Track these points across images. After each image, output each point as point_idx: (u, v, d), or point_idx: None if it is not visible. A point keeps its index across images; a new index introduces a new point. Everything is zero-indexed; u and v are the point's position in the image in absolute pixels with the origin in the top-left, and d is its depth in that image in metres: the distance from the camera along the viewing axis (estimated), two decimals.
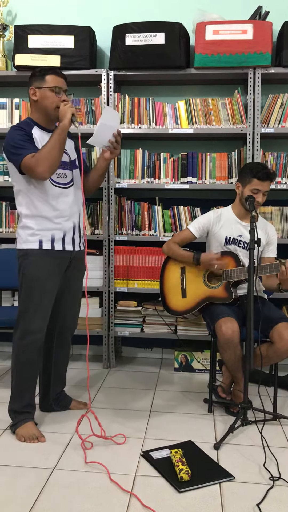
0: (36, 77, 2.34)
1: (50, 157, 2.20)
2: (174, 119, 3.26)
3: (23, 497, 1.86)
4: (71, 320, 2.58)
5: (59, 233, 2.36)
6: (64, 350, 2.60)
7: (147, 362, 3.57)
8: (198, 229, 2.82)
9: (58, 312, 2.49)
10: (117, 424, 2.50)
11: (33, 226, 2.32)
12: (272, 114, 3.17)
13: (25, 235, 2.34)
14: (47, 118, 2.36)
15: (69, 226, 2.40)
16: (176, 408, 2.73)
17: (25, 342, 2.33)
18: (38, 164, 2.18)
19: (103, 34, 3.39)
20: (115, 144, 2.40)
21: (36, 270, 2.32)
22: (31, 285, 2.33)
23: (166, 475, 2.00)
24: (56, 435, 2.36)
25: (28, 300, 2.33)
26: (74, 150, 2.52)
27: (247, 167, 2.72)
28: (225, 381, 2.83)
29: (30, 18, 3.51)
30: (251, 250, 2.39)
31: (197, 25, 3.14)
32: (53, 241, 2.34)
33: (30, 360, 2.36)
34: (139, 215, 3.35)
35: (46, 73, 2.32)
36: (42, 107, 2.33)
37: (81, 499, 1.86)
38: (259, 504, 1.82)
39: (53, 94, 2.30)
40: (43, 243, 2.33)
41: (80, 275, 2.55)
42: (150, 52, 3.13)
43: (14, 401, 2.39)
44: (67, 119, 2.23)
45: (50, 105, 2.31)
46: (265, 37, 3.07)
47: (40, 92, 2.31)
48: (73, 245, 2.42)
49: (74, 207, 2.42)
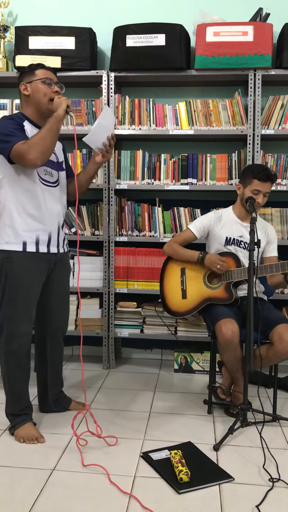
0: (26, 73, 2.31)
1: (42, 144, 2.13)
2: (174, 120, 3.26)
3: (22, 498, 1.86)
4: (61, 322, 2.56)
5: (43, 234, 2.30)
6: (58, 352, 2.58)
7: (147, 363, 3.57)
8: (199, 229, 2.83)
9: (47, 315, 2.47)
10: (116, 425, 2.50)
11: (17, 225, 2.24)
12: (272, 116, 3.17)
13: (7, 236, 2.25)
14: (39, 113, 2.31)
15: (54, 228, 2.34)
16: (176, 409, 2.73)
17: (13, 347, 2.29)
18: (29, 151, 2.10)
19: (103, 35, 3.39)
20: (107, 147, 2.38)
21: (20, 274, 2.26)
22: (15, 290, 2.26)
23: (166, 476, 2.00)
24: (56, 436, 2.36)
25: (12, 305, 2.27)
26: (62, 152, 2.49)
27: (249, 168, 2.73)
28: (225, 382, 2.83)
29: (31, 19, 3.51)
30: (251, 252, 2.40)
31: (198, 27, 3.15)
32: (37, 243, 2.28)
33: (19, 363, 2.32)
34: (139, 216, 3.36)
35: (36, 68, 2.30)
36: (34, 101, 2.29)
37: (81, 500, 1.85)
38: (258, 506, 1.82)
39: (45, 85, 2.27)
40: (28, 245, 2.26)
41: (65, 277, 2.53)
42: (151, 53, 3.14)
43: (10, 405, 2.37)
44: (62, 109, 2.20)
45: (43, 98, 2.27)
46: (265, 39, 3.07)
47: (31, 86, 2.27)
48: (57, 247, 2.38)
49: (58, 207, 2.38)
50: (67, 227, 3.35)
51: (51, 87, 2.29)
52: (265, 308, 2.65)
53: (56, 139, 2.23)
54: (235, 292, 2.67)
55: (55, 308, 2.49)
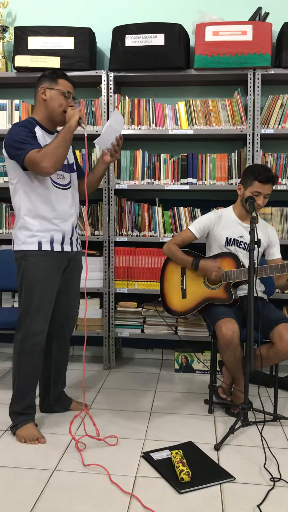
0: (47, 78, 2.36)
1: (56, 153, 2.21)
2: (174, 120, 3.26)
3: (23, 498, 1.86)
4: (70, 321, 2.59)
5: (57, 234, 2.37)
6: (63, 351, 2.60)
7: (147, 363, 3.57)
8: (199, 230, 2.82)
9: (56, 313, 2.49)
10: (117, 425, 2.50)
11: (32, 227, 2.32)
12: (272, 115, 3.17)
13: (23, 237, 2.33)
14: (50, 119, 2.37)
15: (67, 228, 2.41)
16: (177, 409, 2.73)
17: (27, 344, 2.33)
18: (43, 159, 2.17)
19: (103, 35, 3.39)
20: (116, 147, 2.43)
21: (36, 272, 2.32)
22: (31, 287, 2.32)
23: (167, 476, 2.00)
24: (57, 436, 2.36)
25: (29, 302, 2.33)
26: (72, 154, 2.54)
27: (250, 169, 2.72)
28: (226, 381, 2.82)
29: (30, 19, 3.51)
30: (251, 251, 2.39)
31: (197, 26, 3.14)
32: (52, 242, 2.35)
33: (32, 361, 2.36)
34: (139, 216, 3.35)
35: (60, 76, 2.36)
36: (49, 107, 2.34)
37: (82, 500, 1.85)
38: (259, 505, 1.82)
39: (63, 97, 2.33)
40: (42, 244, 2.33)
41: (77, 276, 2.56)
42: (150, 53, 3.13)
43: (15, 403, 2.39)
44: (74, 120, 2.26)
45: (58, 108, 2.33)
46: (264, 38, 3.07)
47: (50, 93, 2.33)
48: (71, 246, 2.44)
49: (72, 209, 2.44)
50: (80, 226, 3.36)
51: (68, 100, 2.35)
52: (265, 308, 2.65)
53: (68, 149, 2.30)
54: (235, 293, 2.66)
55: (65, 306, 2.52)
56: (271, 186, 2.67)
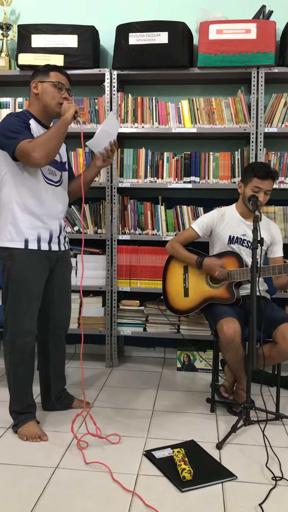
0: (40, 72, 2.33)
1: (48, 145, 2.15)
2: (177, 118, 3.26)
3: (25, 496, 1.87)
4: (63, 319, 2.56)
5: (45, 232, 2.32)
6: (60, 350, 2.58)
7: (149, 362, 3.57)
8: (202, 228, 2.82)
9: (49, 313, 2.47)
10: (119, 423, 2.50)
11: (20, 223, 2.26)
12: (275, 114, 3.16)
13: (9, 233, 2.26)
14: (45, 113, 2.33)
15: (55, 226, 2.36)
16: (179, 407, 2.73)
17: (18, 345, 2.30)
18: (35, 150, 2.11)
19: (106, 33, 3.39)
20: (109, 153, 2.39)
21: (23, 271, 2.27)
22: (18, 287, 2.28)
23: (169, 474, 2.00)
24: (59, 434, 2.36)
25: (16, 303, 2.28)
26: (66, 153, 2.51)
27: (249, 167, 2.73)
28: (228, 380, 2.82)
29: (34, 17, 3.51)
30: (254, 250, 2.39)
31: (201, 25, 3.14)
32: (39, 240, 2.29)
33: (24, 361, 2.33)
34: (142, 215, 3.35)
35: (51, 69, 2.32)
36: (42, 101, 2.31)
37: (84, 498, 1.86)
38: (261, 504, 1.82)
39: (55, 90, 2.29)
40: (29, 243, 2.27)
41: (67, 275, 2.54)
42: (154, 51, 3.13)
43: (14, 403, 2.38)
44: (70, 114, 2.23)
45: (51, 101, 2.29)
46: (268, 37, 3.06)
47: (42, 86, 2.29)
48: (58, 245, 2.40)
49: (61, 206, 2.40)
50: (70, 226, 3.36)
51: (61, 92, 2.30)
52: (268, 307, 2.64)
53: (62, 142, 2.25)
54: (237, 292, 2.66)
55: (57, 306, 2.50)
56: (271, 182, 2.66)
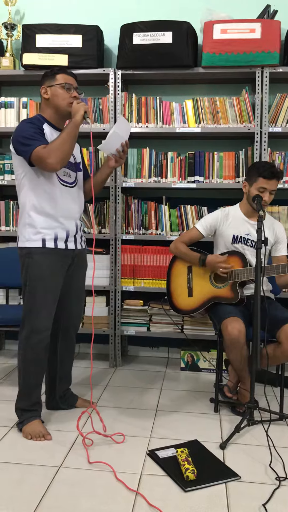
0: (47, 77, 2.38)
1: (62, 149, 2.21)
2: (181, 118, 3.26)
3: (29, 494, 1.87)
4: (75, 318, 2.60)
5: (61, 232, 2.37)
6: (69, 349, 2.61)
7: (153, 361, 3.57)
8: (206, 228, 2.82)
9: (62, 311, 2.49)
10: (122, 423, 2.50)
11: (36, 223, 2.32)
12: (280, 113, 3.16)
13: (28, 234, 2.33)
14: (58, 116, 2.38)
15: (71, 225, 2.42)
16: (182, 407, 2.73)
17: (32, 341, 2.34)
18: (50, 155, 2.18)
19: (110, 33, 3.39)
20: (121, 153, 2.44)
21: (40, 269, 2.33)
22: (35, 284, 2.33)
23: (172, 474, 2.00)
24: (62, 433, 2.36)
25: (33, 299, 2.34)
26: (80, 154, 2.55)
27: (254, 166, 2.72)
28: (232, 380, 2.82)
29: (38, 17, 3.52)
30: (258, 250, 2.38)
31: (205, 24, 3.14)
32: (56, 239, 2.35)
33: (37, 358, 2.37)
34: (146, 214, 3.35)
35: (57, 72, 2.37)
36: (53, 104, 2.35)
37: (87, 497, 1.86)
38: (265, 504, 1.82)
39: (64, 91, 2.34)
40: (46, 242, 2.33)
41: (82, 274, 2.57)
42: (158, 51, 3.13)
43: (21, 399, 2.40)
44: (80, 115, 2.26)
45: (62, 102, 2.34)
46: (273, 36, 3.06)
47: (51, 90, 2.34)
48: (75, 243, 2.45)
49: (76, 207, 2.45)
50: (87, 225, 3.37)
51: (70, 92, 2.35)
52: (272, 307, 2.64)
53: (74, 144, 2.30)
54: (241, 292, 2.66)
55: (70, 304, 2.53)
56: (276, 182, 2.66)
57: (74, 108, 2.29)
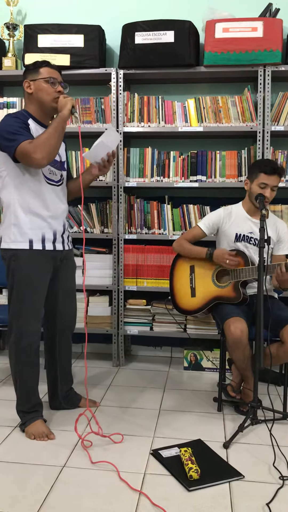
0: (30, 71, 2.31)
1: (48, 144, 2.14)
2: (183, 117, 3.25)
3: (33, 494, 1.87)
4: (69, 319, 2.56)
5: (49, 232, 2.31)
6: (67, 349, 2.59)
7: (156, 361, 3.57)
8: (208, 226, 2.82)
9: (55, 313, 2.48)
10: (126, 422, 2.50)
11: (22, 224, 2.25)
12: (282, 112, 3.15)
13: (13, 234, 2.26)
14: (42, 111, 2.32)
15: (59, 225, 2.37)
16: (186, 406, 2.73)
17: (22, 345, 2.30)
18: (35, 150, 2.11)
19: (112, 32, 3.39)
20: (106, 163, 2.39)
21: (27, 272, 2.27)
22: (23, 288, 2.27)
23: (176, 473, 2.00)
24: (66, 433, 2.37)
25: (20, 303, 2.28)
26: (65, 153, 2.50)
27: (255, 163, 2.74)
28: (235, 380, 2.82)
29: (40, 17, 3.52)
30: (261, 249, 2.38)
31: (207, 23, 3.13)
32: (43, 240, 2.29)
33: (29, 362, 2.33)
34: (148, 214, 3.35)
35: (40, 66, 2.30)
36: (37, 99, 2.29)
37: (91, 497, 1.86)
38: (268, 504, 1.82)
39: (48, 85, 2.27)
40: (34, 243, 2.27)
41: (71, 274, 2.53)
42: (160, 50, 3.13)
43: (21, 403, 2.38)
44: (67, 109, 2.21)
45: (46, 97, 2.27)
46: (275, 35, 3.05)
47: (35, 84, 2.28)
48: (62, 244, 2.40)
49: (63, 206, 2.41)
50: (76, 225, 3.36)
51: (55, 87, 2.29)
52: (275, 306, 2.63)
53: (62, 139, 2.24)
54: (244, 291, 2.65)
55: (63, 305, 2.50)
56: (278, 178, 2.65)
57: (61, 102, 2.23)
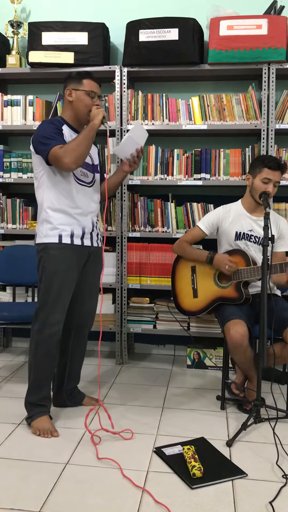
0: (73, 79, 2.44)
1: (77, 150, 2.27)
2: (187, 115, 3.25)
3: (36, 491, 1.88)
4: (88, 316, 2.60)
5: (78, 228, 2.41)
6: (81, 346, 2.62)
7: (159, 359, 3.57)
8: (208, 226, 2.81)
9: (75, 308, 2.51)
10: (129, 420, 2.51)
11: (53, 220, 2.37)
12: (286, 110, 3.14)
13: (45, 230, 2.39)
14: (77, 119, 2.44)
15: (87, 222, 2.45)
16: (189, 404, 2.73)
17: (44, 335, 2.37)
18: (65, 155, 2.24)
19: (116, 30, 3.38)
20: (135, 159, 2.50)
21: (56, 264, 2.37)
22: (50, 279, 2.37)
23: (179, 471, 2.01)
24: (69, 430, 2.37)
25: (48, 293, 2.37)
26: (98, 156, 2.61)
27: (258, 158, 2.74)
28: (238, 378, 2.82)
29: (44, 15, 3.52)
30: (264, 247, 2.37)
31: (211, 21, 3.12)
32: (72, 235, 2.39)
33: (48, 352, 2.38)
34: (152, 212, 3.35)
35: (84, 77, 2.43)
36: (75, 108, 2.42)
37: (94, 494, 1.87)
38: (271, 502, 1.82)
39: (89, 98, 2.40)
40: (63, 238, 2.38)
41: (97, 272, 2.57)
42: (164, 48, 3.12)
43: (31, 394, 2.41)
44: (98, 120, 2.35)
45: (83, 108, 2.40)
46: (279, 32, 3.04)
47: (76, 94, 2.40)
48: (91, 240, 2.48)
49: (93, 205, 2.50)
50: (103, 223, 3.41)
51: (93, 100, 2.41)
52: (278, 305, 2.63)
53: (91, 146, 2.37)
54: (246, 291, 2.65)
55: (85, 301, 2.55)
56: (281, 174, 2.65)
57: (93, 112, 2.37)
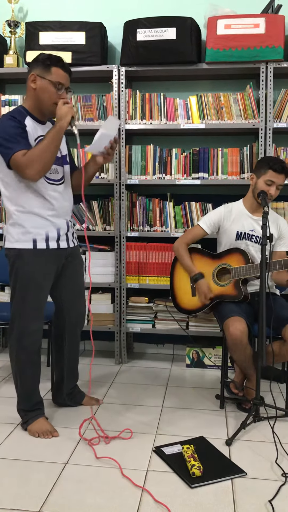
0: (40, 64, 2.20)
1: (42, 158, 2.10)
2: (185, 114, 3.25)
3: (36, 491, 1.88)
4: (80, 317, 2.56)
5: (52, 231, 2.28)
6: (74, 346, 2.59)
7: (158, 358, 3.57)
8: (210, 225, 2.82)
9: (63, 310, 2.48)
10: (128, 420, 2.51)
11: (25, 224, 2.22)
12: (284, 109, 3.14)
13: (16, 234, 2.24)
14: (39, 109, 2.25)
15: (62, 223, 2.33)
16: (188, 404, 2.74)
17: (24, 344, 2.29)
18: (28, 165, 2.08)
19: (114, 29, 3.38)
20: (109, 150, 2.32)
21: (31, 272, 2.25)
22: (26, 288, 2.26)
23: (178, 470, 2.01)
24: (69, 430, 2.37)
25: (23, 302, 2.27)
26: (65, 145, 2.43)
27: (264, 159, 2.73)
28: (237, 377, 2.82)
29: (41, 14, 3.51)
30: (263, 246, 2.37)
31: (209, 20, 3.12)
32: (47, 239, 2.27)
33: (30, 360, 2.32)
34: (150, 211, 3.35)
35: (54, 64, 2.19)
36: (38, 97, 2.22)
37: (94, 494, 1.87)
38: (271, 501, 1.82)
39: (54, 89, 2.18)
40: (38, 242, 2.24)
41: (79, 271, 2.51)
42: (162, 47, 3.12)
43: (22, 402, 2.37)
44: (66, 121, 2.14)
45: (47, 100, 2.20)
46: (277, 31, 3.04)
47: (41, 82, 2.19)
48: (67, 241, 2.37)
49: (66, 204, 2.36)
50: (78, 223, 3.36)
51: (60, 92, 2.21)
52: (277, 303, 2.63)
53: (57, 152, 2.19)
54: (245, 289, 2.65)
55: (71, 302, 2.50)
56: (284, 178, 2.65)
57: (61, 111, 2.14)
